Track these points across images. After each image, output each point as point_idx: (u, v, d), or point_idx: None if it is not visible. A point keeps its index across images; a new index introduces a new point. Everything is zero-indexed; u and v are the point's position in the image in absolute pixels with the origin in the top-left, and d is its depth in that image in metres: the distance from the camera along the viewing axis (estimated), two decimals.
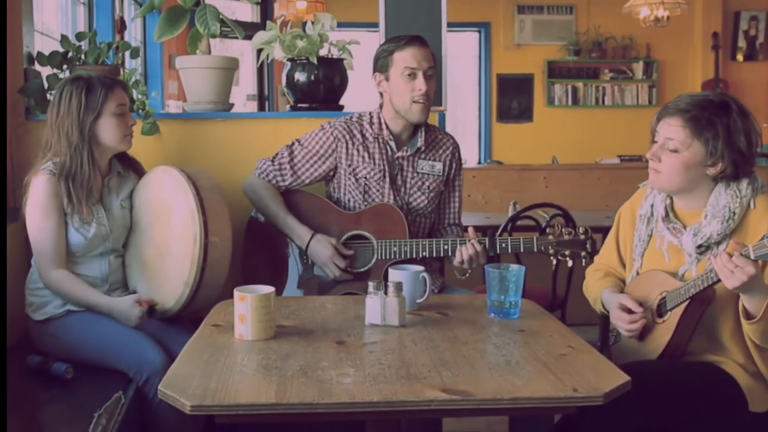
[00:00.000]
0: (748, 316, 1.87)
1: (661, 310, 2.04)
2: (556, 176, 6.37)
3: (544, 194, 4.71)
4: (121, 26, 5.86)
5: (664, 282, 2.05)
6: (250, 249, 2.83)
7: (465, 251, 2.53)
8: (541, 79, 10.11)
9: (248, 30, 3.45)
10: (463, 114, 10.25)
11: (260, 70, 9.40)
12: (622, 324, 2.07)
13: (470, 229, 2.60)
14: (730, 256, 1.79)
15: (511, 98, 10.23)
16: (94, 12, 5.63)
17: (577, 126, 9.93)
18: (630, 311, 2.07)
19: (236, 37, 3.14)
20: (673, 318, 1.97)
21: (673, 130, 2.03)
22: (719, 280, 1.84)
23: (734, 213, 2.00)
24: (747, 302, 1.85)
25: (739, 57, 10.08)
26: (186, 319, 2.60)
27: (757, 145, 2.01)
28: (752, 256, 1.77)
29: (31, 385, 2.35)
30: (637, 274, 2.20)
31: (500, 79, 10.19)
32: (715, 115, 1.99)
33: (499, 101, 10.21)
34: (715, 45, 9.83)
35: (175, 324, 2.55)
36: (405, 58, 2.63)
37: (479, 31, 10.22)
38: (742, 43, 10.11)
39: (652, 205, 2.19)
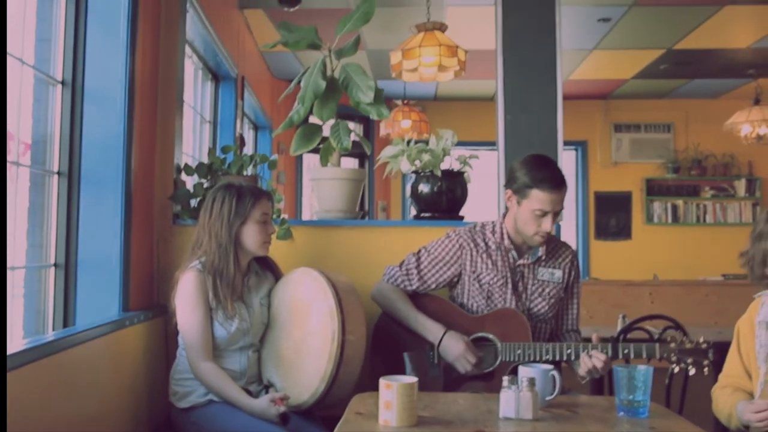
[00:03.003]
0: None
1: None
2: (661, 291, 6.35)
3: (650, 309, 4.68)
4: (241, 142, 6.31)
5: None
6: (375, 354, 2.96)
7: (590, 362, 2.60)
8: (639, 196, 10.14)
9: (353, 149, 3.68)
10: (561, 231, 10.28)
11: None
12: (755, 420, 2.11)
13: (595, 336, 2.67)
14: None
15: (609, 216, 10.25)
16: (218, 130, 6.08)
17: (677, 244, 9.84)
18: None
19: (344, 155, 3.37)
20: None
21: None
22: None
23: None
24: None
25: None
26: (317, 415, 2.74)
27: None
28: None
29: None
30: (766, 380, 2.24)
31: (598, 196, 10.26)
32: None
33: (596, 218, 10.24)
34: None
35: (308, 418, 2.69)
36: (541, 200, 2.72)
37: (576, 149, 10.40)
38: None
39: None
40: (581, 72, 8.52)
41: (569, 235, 10.26)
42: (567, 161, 10.38)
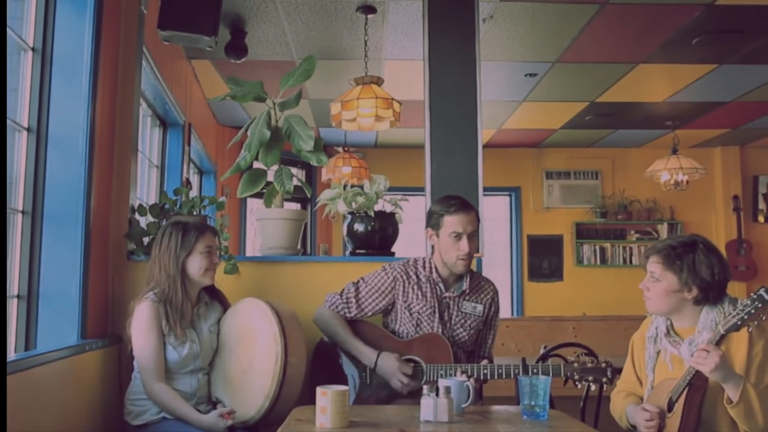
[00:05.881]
0: (731, 403, 2.32)
1: (670, 406, 2.45)
2: (584, 326, 6.77)
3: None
4: (187, 185, 6.58)
5: (671, 386, 2.47)
6: (316, 371, 3.26)
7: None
8: (570, 239, 10.64)
9: (295, 193, 3.98)
10: (495, 273, 10.68)
11: (303, 228, 10.13)
12: (642, 424, 2.48)
13: (485, 361, 3.11)
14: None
15: (542, 258, 10.71)
16: (165, 174, 6.34)
17: (605, 285, 10.35)
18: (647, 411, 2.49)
19: (288, 199, 3.68)
20: (678, 407, 2.39)
21: (653, 265, 2.62)
22: None
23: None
24: (727, 390, 2.31)
25: (761, 218, 10.57)
26: (262, 430, 3.01)
27: (720, 275, 2.50)
28: (722, 331, 2.32)
29: None
30: (651, 387, 2.62)
31: (531, 239, 10.73)
32: (683, 252, 2.54)
33: (530, 261, 10.69)
34: (736, 207, 10.37)
35: None
36: (453, 223, 3.14)
37: (510, 195, 10.89)
38: (762, 205, 10.63)
39: (656, 327, 2.65)
40: (513, 122, 9.02)
41: (504, 276, 10.68)
42: (501, 206, 10.92)
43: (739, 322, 2.33)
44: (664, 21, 5.64)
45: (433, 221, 3.21)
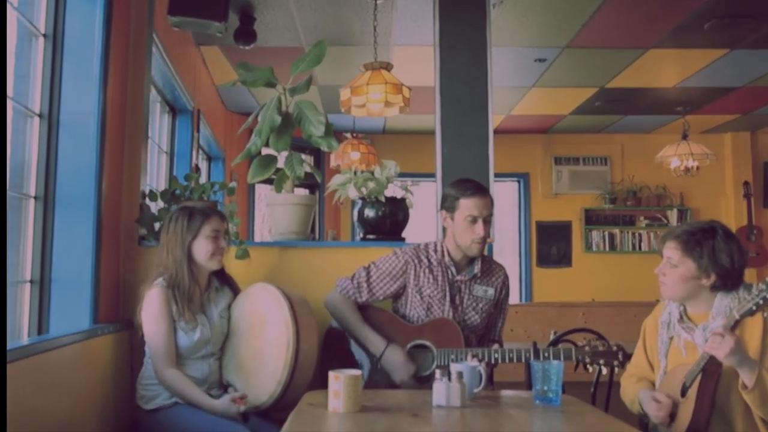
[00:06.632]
0: (746, 388, 2.31)
1: (683, 392, 2.45)
2: (594, 312, 6.77)
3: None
4: (196, 171, 6.59)
5: (684, 371, 2.47)
6: (326, 355, 3.27)
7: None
8: (578, 226, 10.60)
9: (304, 179, 3.98)
10: (504, 259, 10.62)
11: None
12: (652, 413, 2.48)
13: (496, 345, 3.11)
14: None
15: (551, 244, 10.68)
16: (175, 160, 6.35)
17: (614, 271, 10.32)
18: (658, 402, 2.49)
19: (296, 185, 3.68)
20: (692, 392, 2.39)
21: (670, 251, 2.59)
22: None
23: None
24: (742, 375, 2.30)
25: None
26: (274, 416, 3.02)
27: (739, 262, 2.49)
28: (737, 316, 2.30)
29: None
30: (664, 372, 2.62)
31: (539, 225, 10.70)
32: (702, 238, 2.52)
33: (538, 247, 10.66)
34: (747, 193, 10.30)
35: (266, 419, 2.98)
36: (469, 206, 3.14)
37: (519, 181, 10.85)
38: None
39: (669, 313, 2.65)
40: (522, 108, 8.99)
41: (512, 262, 10.65)
42: (510, 192, 10.89)
43: (754, 308, 2.32)
44: (675, 5, 5.60)
45: (448, 204, 3.21)
